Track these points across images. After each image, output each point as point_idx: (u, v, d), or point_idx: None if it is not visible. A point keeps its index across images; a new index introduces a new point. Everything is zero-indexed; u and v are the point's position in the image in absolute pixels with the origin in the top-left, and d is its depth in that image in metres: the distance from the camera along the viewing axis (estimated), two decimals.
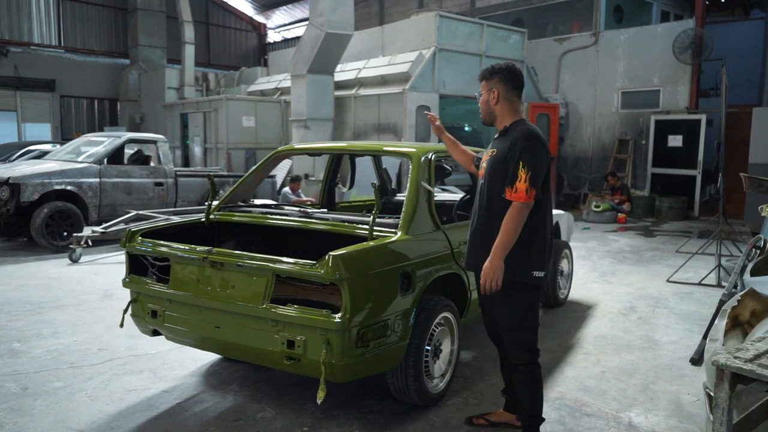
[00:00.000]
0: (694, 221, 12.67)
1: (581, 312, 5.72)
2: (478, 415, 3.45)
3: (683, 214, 13.01)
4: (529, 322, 3.05)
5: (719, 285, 6.71)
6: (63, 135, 20.54)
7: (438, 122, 3.62)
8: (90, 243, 7.82)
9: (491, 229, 2.96)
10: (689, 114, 13.47)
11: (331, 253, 2.93)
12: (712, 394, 2.72)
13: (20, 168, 8.64)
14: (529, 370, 3.05)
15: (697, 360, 4.34)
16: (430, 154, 3.93)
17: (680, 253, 8.66)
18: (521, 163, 2.85)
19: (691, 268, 7.41)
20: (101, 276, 6.95)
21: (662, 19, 16.36)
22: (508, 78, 3.05)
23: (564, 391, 3.86)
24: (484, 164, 3.15)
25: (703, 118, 13.19)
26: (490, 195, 3.02)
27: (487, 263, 2.88)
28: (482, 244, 3.00)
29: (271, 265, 3.10)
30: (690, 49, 13.11)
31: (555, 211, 6.27)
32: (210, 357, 4.28)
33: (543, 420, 3.12)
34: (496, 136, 3.17)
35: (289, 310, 3.03)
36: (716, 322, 3.22)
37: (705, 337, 4.52)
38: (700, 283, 6.82)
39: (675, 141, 13.63)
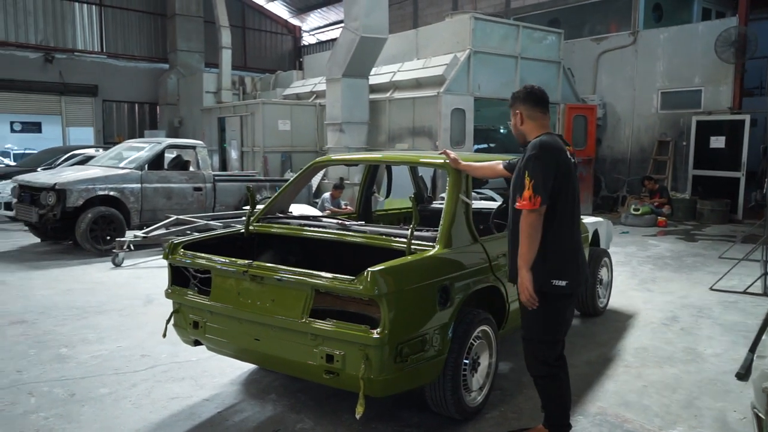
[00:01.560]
0: (737, 225, 12.32)
1: (621, 322, 5.62)
2: (517, 430, 3.43)
3: (726, 217, 12.66)
4: (547, 334, 3.09)
5: (765, 294, 6.53)
6: (105, 138, 21.08)
7: (453, 155, 3.76)
8: (132, 247, 8.01)
9: (516, 239, 3.07)
10: (732, 114, 13.12)
11: (369, 269, 2.94)
12: (760, 414, 2.65)
13: (65, 174, 8.90)
14: (546, 382, 3.12)
15: (743, 375, 4.22)
16: None
17: (723, 259, 8.44)
18: (526, 172, 2.97)
19: (735, 275, 7.21)
20: (143, 280, 7.11)
21: (703, 17, 15.94)
22: (526, 98, 3.22)
23: (605, 406, 3.80)
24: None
25: (747, 118, 12.83)
26: (512, 206, 3.16)
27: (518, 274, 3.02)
28: (511, 256, 3.18)
29: (310, 279, 3.13)
30: (733, 48, 12.77)
31: (593, 219, 6.20)
32: (249, 366, 4.34)
33: (570, 427, 3.20)
34: None
35: (328, 325, 3.06)
36: (764, 337, 3.14)
37: (751, 350, 4.41)
38: (745, 292, 6.64)
39: (717, 142, 13.28)
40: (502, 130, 15.50)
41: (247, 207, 4.26)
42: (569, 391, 3.21)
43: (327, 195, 10.06)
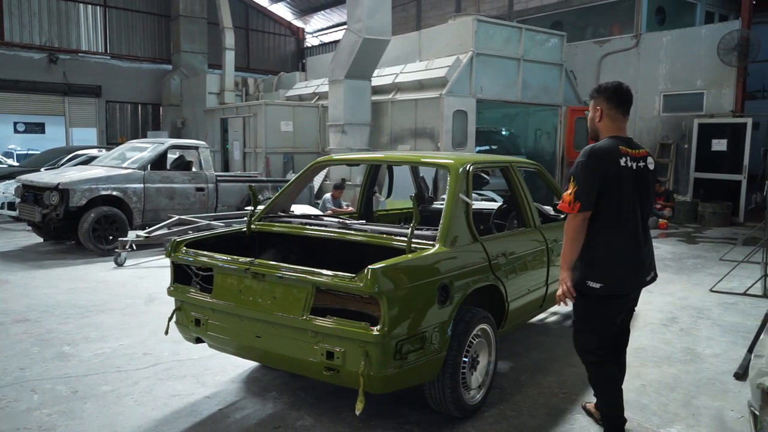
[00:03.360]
0: (738, 227, 12.33)
1: None
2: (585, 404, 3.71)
3: (727, 219, 12.68)
4: (585, 325, 3.26)
5: (765, 295, 6.54)
6: (108, 139, 21.16)
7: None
8: (134, 247, 8.05)
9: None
10: (734, 117, 13.14)
11: (369, 266, 2.97)
12: (757, 413, 2.67)
13: (69, 174, 8.95)
14: (589, 370, 3.31)
15: (741, 375, 4.24)
16: (468, 165, 3.94)
17: (724, 261, 8.46)
18: (572, 176, 3.12)
19: (735, 277, 7.23)
20: (145, 280, 7.15)
21: (706, 20, 15.97)
22: (612, 96, 3.23)
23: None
24: None
25: (749, 121, 12.85)
26: None
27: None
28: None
29: (310, 277, 3.16)
30: (736, 51, 12.79)
31: None
32: (250, 363, 4.37)
33: (623, 421, 3.33)
34: None
35: (329, 322, 3.09)
36: (762, 336, 3.16)
37: (750, 350, 4.42)
38: (745, 294, 6.65)
39: (719, 145, 13.30)
40: (504, 132, 15.52)
41: (249, 207, 4.29)
42: (614, 385, 3.29)
43: (328, 195, 10.10)
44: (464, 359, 3.46)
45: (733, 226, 12.47)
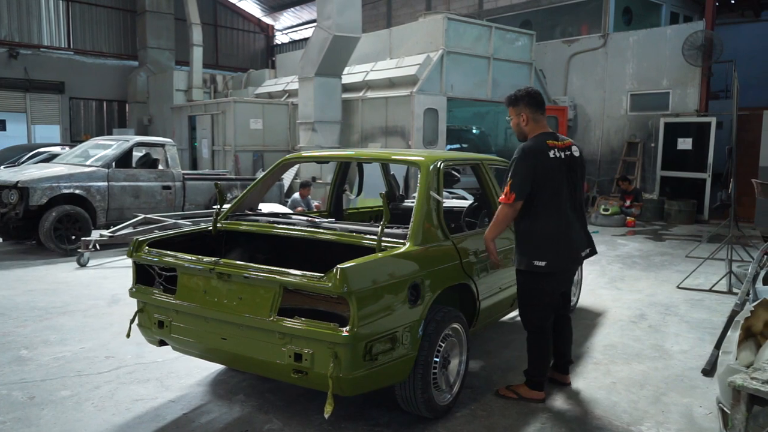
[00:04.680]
0: (704, 225, 12.57)
1: (590, 320, 5.67)
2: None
3: (693, 217, 12.91)
4: (531, 300, 3.74)
5: (730, 292, 6.64)
6: (72, 137, 20.64)
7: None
8: (98, 247, 7.83)
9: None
10: (699, 116, 13.38)
11: (338, 266, 2.90)
12: (725, 409, 2.68)
13: (29, 172, 8.67)
14: (531, 339, 3.79)
15: (709, 371, 4.28)
16: (439, 163, 3.90)
17: (690, 258, 8.59)
18: (509, 171, 3.60)
19: (701, 273, 7.34)
20: (109, 280, 6.95)
21: (672, 20, 16.26)
22: (531, 102, 3.70)
23: (574, 402, 3.81)
24: None
25: (713, 120, 13.10)
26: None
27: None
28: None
29: (278, 277, 3.07)
30: (700, 51, 13.03)
31: None
32: (217, 366, 4.26)
33: (540, 382, 3.79)
34: None
35: (297, 323, 3.00)
36: (729, 333, 3.17)
37: (717, 347, 4.46)
38: (710, 290, 6.75)
39: (685, 144, 13.54)
40: (474, 131, 15.57)
41: (218, 206, 4.17)
42: (548, 352, 3.86)
43: (296, 195, 10.00)
44: (435, 359, 3.41)
45: (698, 224, 12.71)
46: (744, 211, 11.30)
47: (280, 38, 29.75)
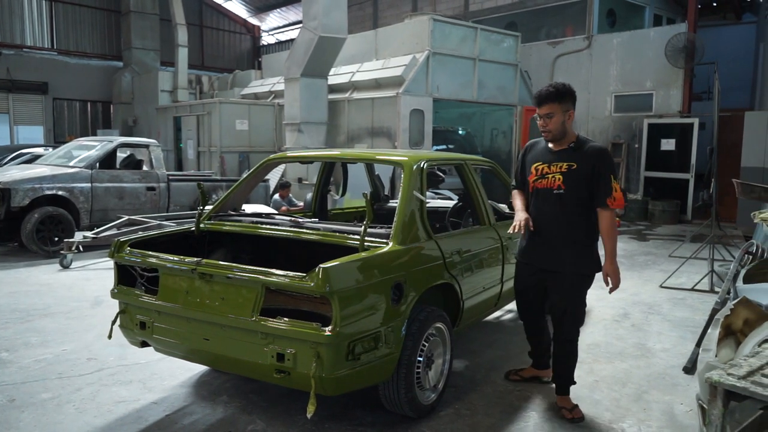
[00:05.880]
0: (687, 225, 12.70)
1: None
2: (513, 370, 4.13)
3: (676, 217, 13.04)
4: (582, 307, 3.81)
5: (712, 290, 6.72)
6: (56, 138, 20.43)
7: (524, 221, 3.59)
8: (81, 248, 7.75)
9: (571, 231, 3.51)
10: (682, 118, 13.52)
11: (321, 265, 2.89)
12: (705, 406, 2.70)
13: (11, 173, 8.57)
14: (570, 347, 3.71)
15: (690, 369, 4.32)
16: (423, 163, 3.90)
17: (673, 257, 8.67)
18: (612, 175, 3.41)
19: (684, 273, 7.41)
20: (92, 282, 6.89)
21: (655, 23, 16.41)
22: (574, 99, 3.51)
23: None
24: (558, 175, 3.49)
25: (696, 121, 13.24)
26: (570, 202, 3.48)
27: (610, 266, 3.49)
28: (562, 244, 3.54)
29: (260, 277, 3.06)
30: (682, 53, 13.16)
31: None
32: (200, 367, 4.24)
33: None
34: (555, 148, 3.55)
35: (279, 323, 2.99)
36: (709, 331, 3.21)
37: (698, 345, 4.51)
38: (693, 289, 6.82)
39: (668, 145, 13.67)
40: (460, 132, 15.61)
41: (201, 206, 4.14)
42: (529, 326, 4.02)
43: (276, 196, 10.03)
44: (419, 359, 3.42)
45: (681, 224, 12.83)
46: (726, 211, 11.42)
47: (267, 39, 29.66)
